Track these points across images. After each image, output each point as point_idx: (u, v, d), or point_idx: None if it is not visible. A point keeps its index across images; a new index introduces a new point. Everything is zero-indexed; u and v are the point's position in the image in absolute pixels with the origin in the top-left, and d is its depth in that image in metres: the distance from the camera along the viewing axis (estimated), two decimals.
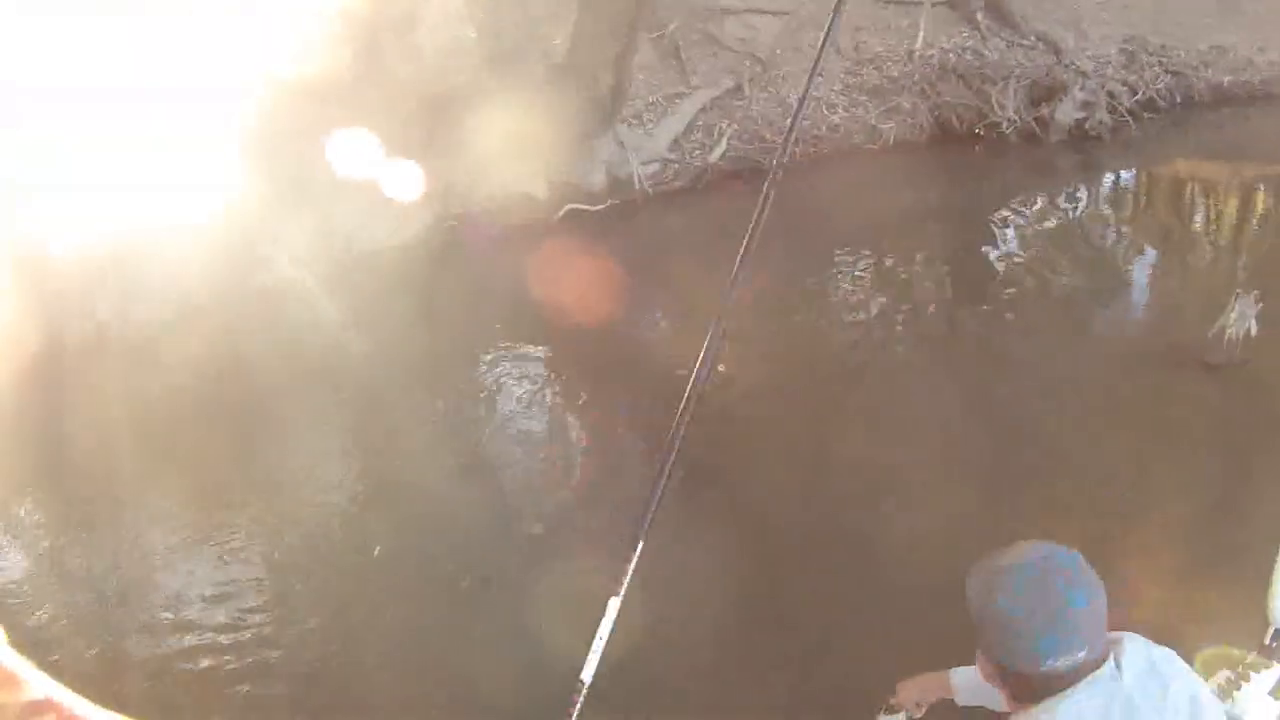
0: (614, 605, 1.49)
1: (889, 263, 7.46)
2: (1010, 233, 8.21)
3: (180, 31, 6.66)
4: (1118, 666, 1.44)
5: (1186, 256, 8.35)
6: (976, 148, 9.47)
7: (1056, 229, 8.36)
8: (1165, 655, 1.52)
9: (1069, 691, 1.42)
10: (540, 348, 6.65)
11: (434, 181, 7.86)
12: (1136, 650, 1.48)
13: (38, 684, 0.72)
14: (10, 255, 6.12)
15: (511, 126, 7.91)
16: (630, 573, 1.53)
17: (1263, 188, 10.17)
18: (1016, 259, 7.70)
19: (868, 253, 7.62)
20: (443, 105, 8.24)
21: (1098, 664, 1.43)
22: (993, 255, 7.74)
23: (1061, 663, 1.40)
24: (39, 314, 6.14)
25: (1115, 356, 6.22)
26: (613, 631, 1.51)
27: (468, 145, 8.12)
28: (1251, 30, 14.74)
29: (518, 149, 7.94)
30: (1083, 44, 11.41)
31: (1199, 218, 9.43)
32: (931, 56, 9.46)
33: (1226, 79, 13.53)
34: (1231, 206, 9.65)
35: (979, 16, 10.42)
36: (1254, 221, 9.38)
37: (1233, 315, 5.48)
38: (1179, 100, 12.40)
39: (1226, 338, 5.50)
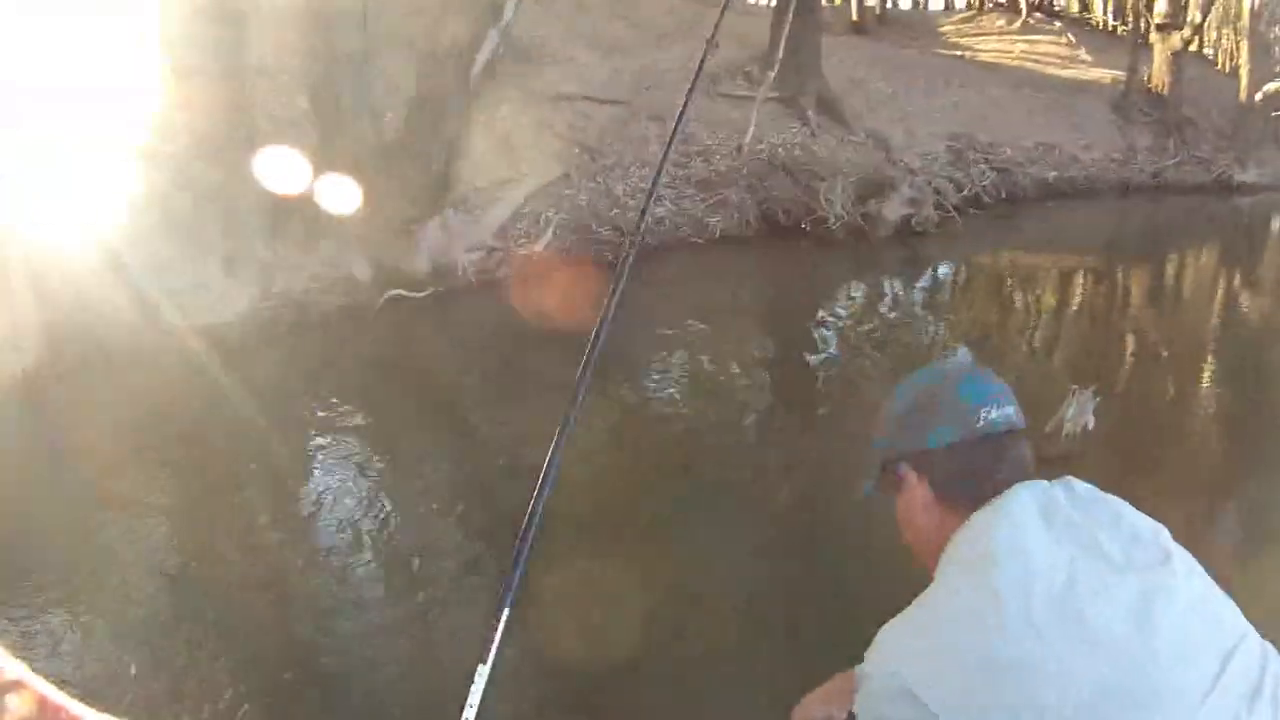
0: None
1: (704, 361, 7.63)
2: (831, 331, 8.46)
3: None
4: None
5: (1010, 348, 8.73)
6: (803, 243, 9.84)
7: (879, 325, 8.68)
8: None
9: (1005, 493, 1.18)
10: (347, 434, 6.56)
11: (259, 259, 7.79)
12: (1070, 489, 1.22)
13: (10, 665, 0.70)
14: None
15: (339, 206, 7.92)
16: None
17: (1083, 275, 10.81)
18: (835, 358, 7.93)
19: (685, 351, 7.80)
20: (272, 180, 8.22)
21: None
22: (813, 355, 7.96)
23: (995, 414, 1.22)
24: None
25: None
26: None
27: (294, 222, 8.10)
28: (1077, 129, 15.83)
29: (344, 229, 7.94)
30: (911, 141, 12.06)
31: (1021, 308, 9.92)
32: (761, 151, 9.85)
33: (1051, 174, 14.49)
34: (1051, 296, 10.20)
35: (810, 113, 10.93)
36: (1074, 309, 9.91)
37: (1071, 409, 5.52)
38: (1004, 195, 13.21)
39: (1065, 432, 5.52)
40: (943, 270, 10.62)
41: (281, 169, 8.64)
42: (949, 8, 25.61)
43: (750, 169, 9.63)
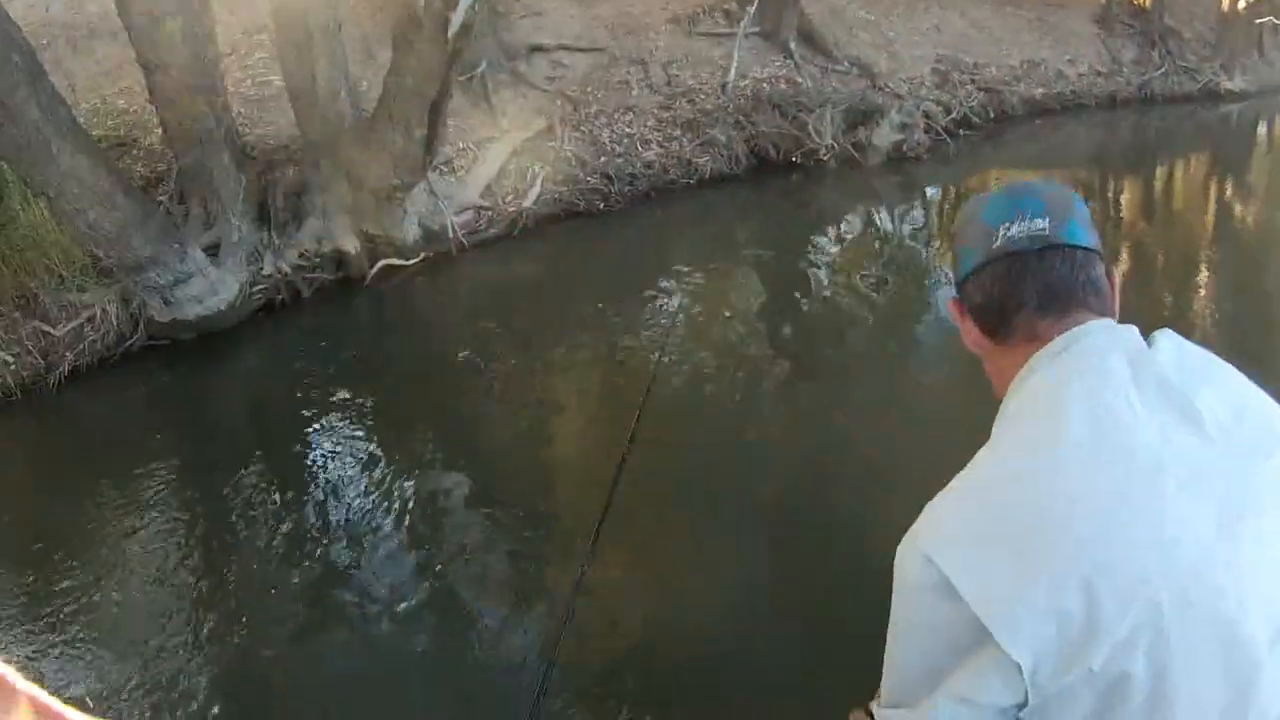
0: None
1: (700, 306, 7.45)
2: (827, 266, 8.33)
3: None
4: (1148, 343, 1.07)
5: None
6: (794, 176, 9.66)
7: (878, 252, 8.53)
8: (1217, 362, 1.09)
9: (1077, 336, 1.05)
10: (355, 417, 6.43)
11: (245, 242, 7.64)
12: (1173, 341, 1.08)
13: (9, 674, 0.73)
14: None
15: (322, 180, 7.74)
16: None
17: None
18: (833, 295, 7.78)
19: (685, 291, 7.64)
20: (250, 162, 8.02)
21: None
22: (812, 286, 7.82)
23: (1016, 229, 1.08)
24: None
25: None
26: None
27: (278, 202, 7.94)
28: (1061, 44, 15.64)
29: (328, 204, 7.78)
30: (896, 67, 11.85)
31: None
32: (745, 87, 9.66)
33: (1039, 91, 14.31)
34: None
35: (792, 45, 10.71)
36: None
37: None
38: (993, 116, 13.02)
39: None
40: (935, 194, 10.47)
41: (259, 150, 8.49)
42: None
43: (736, 106, 9.44)
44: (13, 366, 7.35)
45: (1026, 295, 1.07)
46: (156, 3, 7.19)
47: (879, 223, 9.28)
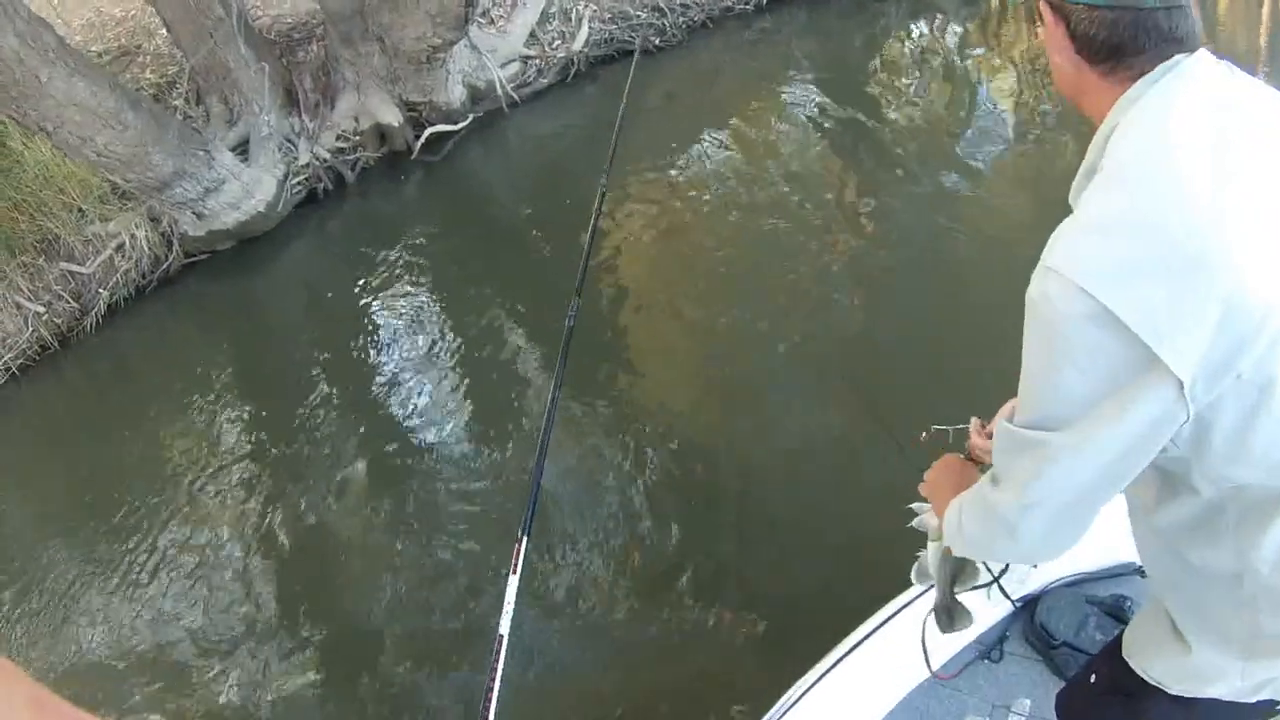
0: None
1: (771, 141, 6.83)
2: (892, 85, 7.66)
3: None
4: None
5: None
6: None
7: (961, 82, 7.85)
8: None
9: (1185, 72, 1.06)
10: (419, 304, 5.92)
11: (276, 133, 7.09)
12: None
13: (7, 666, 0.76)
14: None
15: (350, 53, 7.13)
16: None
17: None
18: (898, 115, 7.13)
19: (750, 130, 7.01)
20: (268, 46, 7.42)
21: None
22: (891, 121, 7.16)
23: None
24: None
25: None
26: None
27: (305, 84, 7.36)
28: None
29: (361, 77, 7.17)
30: None
31: None
32: None
33: None
34: None
35: None
36: None
37: None
38: None
39: None
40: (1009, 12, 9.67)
41: (276, 33, 7.87)
42: None
43: None
44: (45, 316, 6.92)
45: (1147, 47, 1.07)
46: None
47: (946, 47, 8.57)
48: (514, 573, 1.93)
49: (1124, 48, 1.07)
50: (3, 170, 7.33)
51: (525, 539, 1.99)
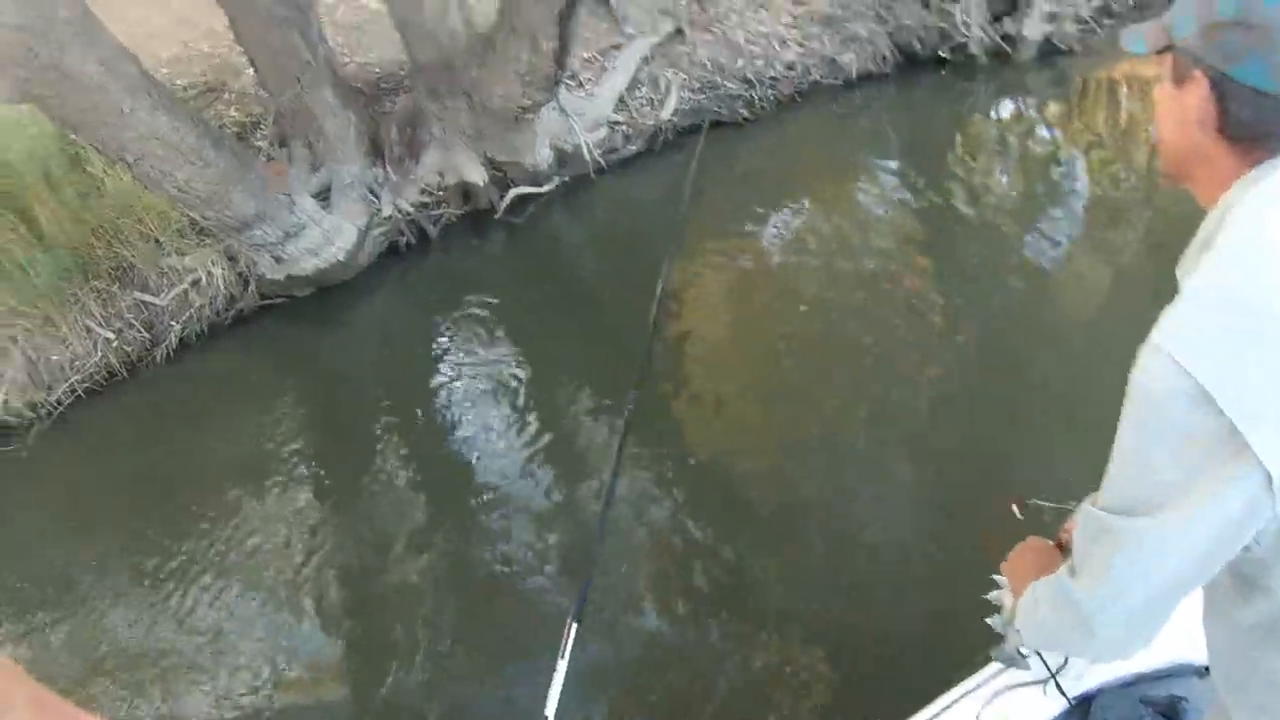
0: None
1: (860, 217, 6.75)
2: (981, 166, 7.59)
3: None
4: None
5: None
6: (942, 72, 8.86)
7: (1040, 157, 7.75)
8: None
9: None
10: (496, 365, 5.85)
11: (359, 183, 7.06)
12: None
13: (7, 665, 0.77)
14: None
15: (438, 107, 7.11)
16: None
17: None
18: (1003, 203, 7.06)
19: (837, 205, 6.94)
20: (355, 94, 7.41)
21: None
22: (980, 198, 7.09)
23: None
24: None
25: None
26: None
27: (391, 135, 7.34)
28: None
29: (448, 133, 7.14)
30: None
31: None
32: None
33: None
34: None
35: None
36: None
37: None
38: (1132, 3, 12.03)
39: None
40: (1096, 87, 9.58)
41: (363, 81, 7.87)
42: None
43: None
44: (115, 344, 6.91)
45: None
46: None
47: (1035, 124, 8.50)
48: (563, 658, 1.87)
49: (1273, 135, 1.06)
50: (82, 194, 7.35)
51: (575, 625, 1.93)
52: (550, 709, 1.77)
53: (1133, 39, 1.19)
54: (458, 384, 5.77)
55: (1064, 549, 1.58)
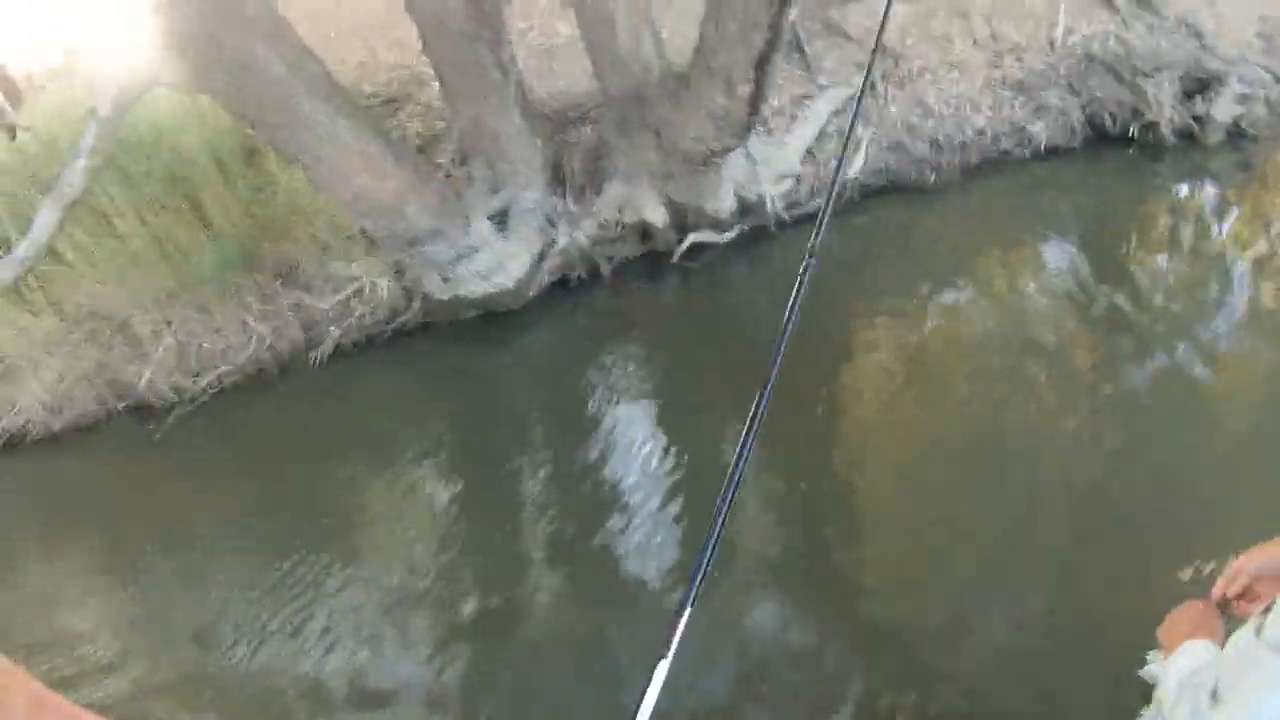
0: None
1: (1026, 304, 6.54)
2: (1167, 258, 7.28)
3: None
4: None
5: None
6: (1130, 150, 8.56)
7: (1226, 255, 7.43)
8: None
9: None
10: (659, 416, 5.78)
11: (538, 210, 7.06)
12: None
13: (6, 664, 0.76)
14: None
15: (625, 142, 7.08)
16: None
17: None
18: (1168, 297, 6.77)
19: (1007, 287, 6.73)
20: (542, 120, 7.42)
21: None
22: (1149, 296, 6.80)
23: None
24: None
25: None
26: None
27: (574, 164, 7.33)
28: None
29: (633, 169, 7.11)
30: (1222, 27, 10.52)
31: None
32: (1074, 45, 8.55)
33: None
34: None
35: None
36: None
37: None
38: None
39: None
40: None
41: (550, 107, 7.88)
42: None
43: (1067, 67, 8.36)
44: (269, 340, 7.00)
45: None
46: None
47: (1218, 215, 8.17)
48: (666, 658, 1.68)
49: None
50: (255, 188, 7.48)
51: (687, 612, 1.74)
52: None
53: None
54: (612, 426, 5.71)
55: (1221, 606, 1.51)
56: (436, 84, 7.47)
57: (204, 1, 5.27)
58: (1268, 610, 1.05)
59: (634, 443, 5.52)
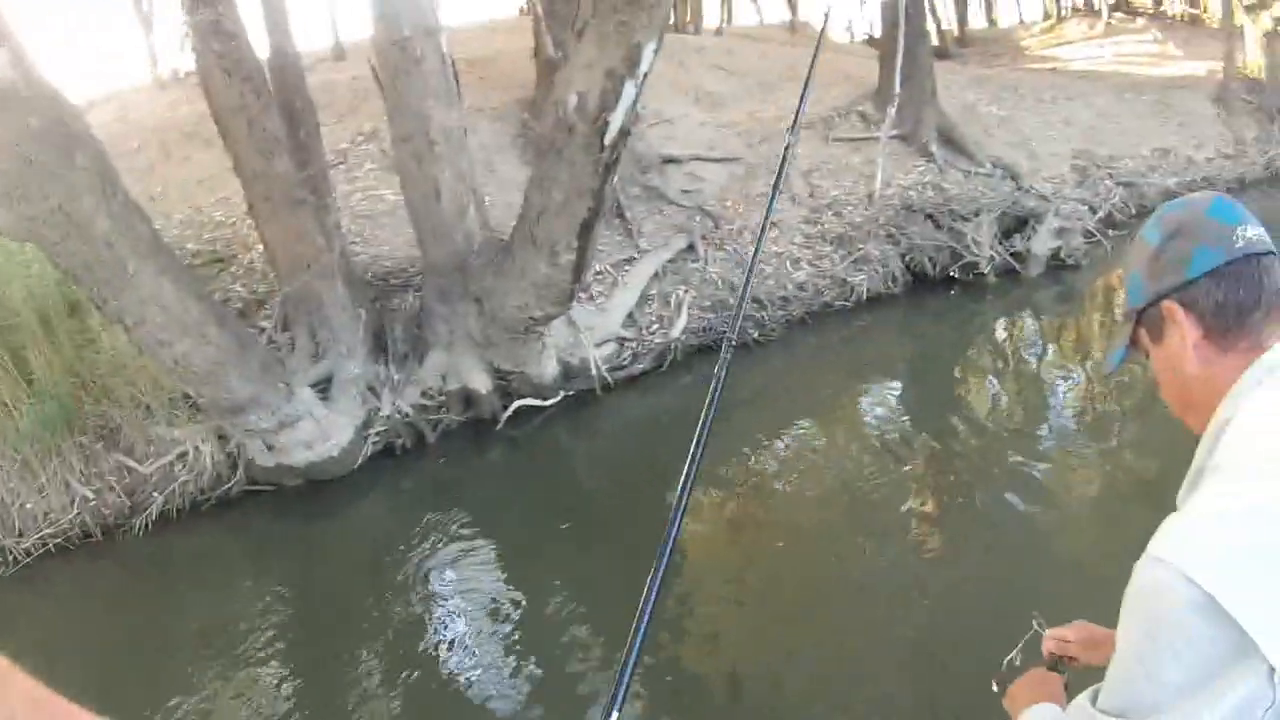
0: None
1: (859, 444, 6.70)
2: (989, 393, 7.57)
3: None
4: None
5: None
6: (952, 292, 8.93)
7: (1051, 378, 7.76)
8: None
9: None
10: (483, 583, 5.69)
11: (360, 379, 6.99)
12: None
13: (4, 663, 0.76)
14: None
15: (447, 310, 7.09)
16: None
17: None
18: (995, 426, 7.03)
19: (839, 431, 6.89)
20: (364, 286, 7.39)
21: None
22: (976, 422, 7.05)
23: (1252, 232, 1.18)
24: None
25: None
26: None
27: (397, 334, 7.30)
28: (1185, 128, 15.07)
29: (455, 336, 7.11)
30: (1036, 165, 11.17)
31: None
32: (892, 196, 8.96)
33: (1172, 181, 13.66)
34: None
35: (933, 148, 10.06)
36: None
37: None
38: (1134, 211, 12.30)
39: None
40: (1111, 305, 9.70)
41: (373, 273, 7.86)
42: (1023, 21, 25.03)
43: (886, 218, 8.73)
44: (93, 504, 6.75)
45: (1266, 298, 1.15)
46: (256, 105, 6.60)
47: (1046, 343, 8.55)
48: None
49: (1245, 305, 1.15)
50: (78, 345, 7.26)
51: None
52: None
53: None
54: (439, 594, 5.58)
55: (1053, 667, 1.65)
56: (261, 245, 7.40)
57: (33, 146, 5.11)
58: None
59: (456, 612, 5.40)
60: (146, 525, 6.65)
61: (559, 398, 7.17)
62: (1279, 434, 1.07)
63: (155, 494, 6.85)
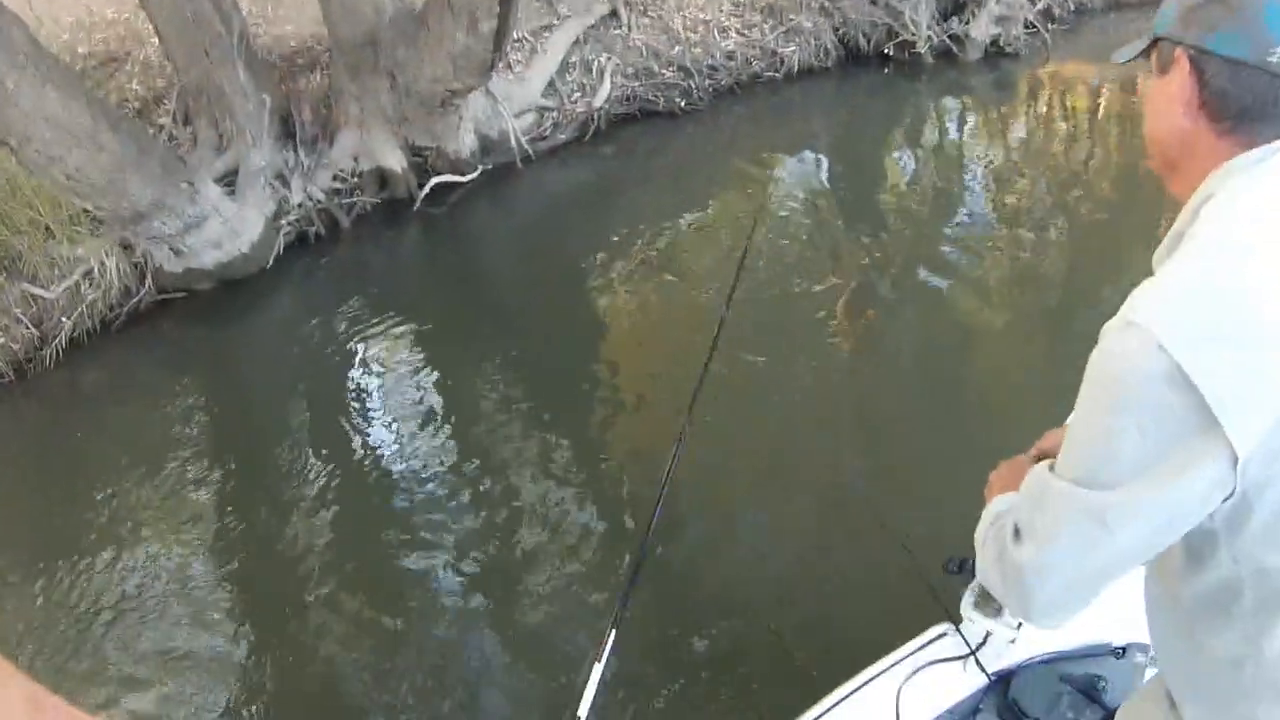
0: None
1: (779, 225, 6.42)
2: (917, 174, 7.33)
3: None
4: None
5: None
6: (886, 70, 8.61)
7: (980, 164, 7.52)
8: None
9: None
10: (408, 370, 5.46)
11: (268, 168, 6.60)
12: None
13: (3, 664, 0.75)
14: None
15: (357, 87, 6.68)
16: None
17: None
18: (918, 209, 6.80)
19: (760, 208, 6.64)
20: (267, 70, 6.94)
21: None
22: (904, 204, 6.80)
23: None
24: None
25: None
26: None
27: (304, 117, 6.89)
28: None
29: (366, 115, 6.71)
30: None
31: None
32: None
33: None
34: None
35: None
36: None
37: None
38: (1073, 8, 11.99)
39: None
40: (1046, 94, 9.45)
41: (277, 55, 7.40)
42: None
43: None
44: (1, 341, 6.38)
45: (1270, 115, 1.08)
46: None
47: (978, 129, 8.30)
48: (599, 661, 1.73)
49: (1249, 111, 1.09)
50: None
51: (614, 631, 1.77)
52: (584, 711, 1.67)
53: (1122, 53, 1.25)
54: (365, 386, 5.37)
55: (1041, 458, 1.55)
56: (156, 40, 6.91)
57: None
58: None
59: (384, 403, 5.19)
60: (57, 355, 6.30)
61: (477, 172, 6.84)
62: (1261, 218, 1.03)
63: (63, 319, 6.48)
